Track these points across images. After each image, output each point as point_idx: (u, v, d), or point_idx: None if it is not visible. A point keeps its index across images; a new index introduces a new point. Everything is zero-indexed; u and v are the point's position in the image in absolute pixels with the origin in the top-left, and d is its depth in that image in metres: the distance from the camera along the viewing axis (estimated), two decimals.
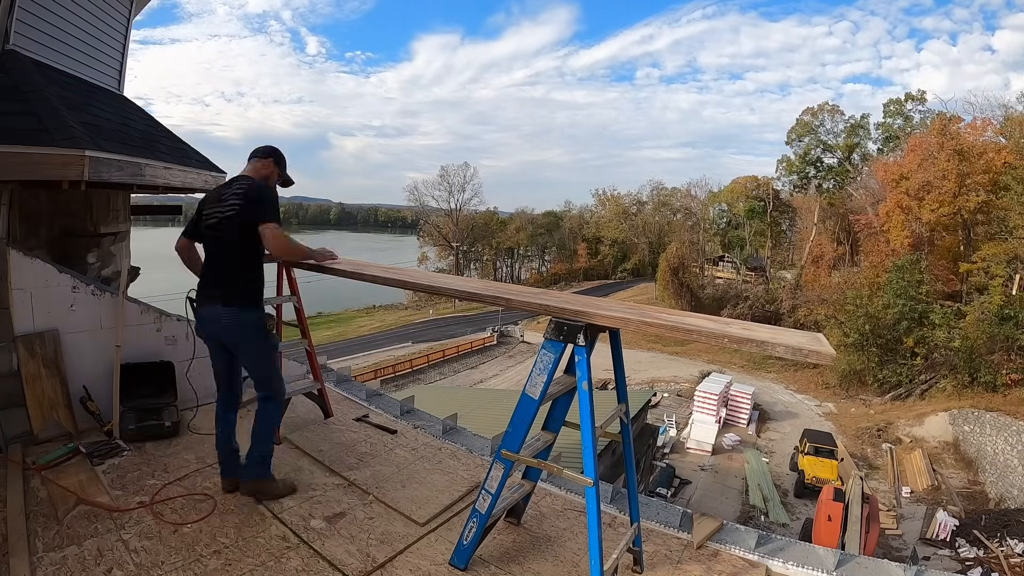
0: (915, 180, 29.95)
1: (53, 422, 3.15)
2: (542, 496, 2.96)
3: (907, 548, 13.75)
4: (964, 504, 16.42)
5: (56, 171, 2.97)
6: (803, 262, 41.00)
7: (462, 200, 64.24)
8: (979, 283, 27.36)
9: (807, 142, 46.39)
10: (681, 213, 58.49)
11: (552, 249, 67.74)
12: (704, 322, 2.03)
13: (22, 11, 3.58)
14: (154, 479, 2.84)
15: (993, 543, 12.79)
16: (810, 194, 46.24)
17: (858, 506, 12.34)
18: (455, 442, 3.63)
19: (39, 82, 3.40)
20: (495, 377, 29.51)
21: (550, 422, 2.49)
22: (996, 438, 18.79)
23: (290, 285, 3.69)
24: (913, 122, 40.63)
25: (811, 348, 1.73)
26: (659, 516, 2.84)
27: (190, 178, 4.36)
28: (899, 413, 24.07)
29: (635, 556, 2.40)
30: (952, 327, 25.37)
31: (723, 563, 2.49)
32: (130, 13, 5.01)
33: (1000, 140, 30.91)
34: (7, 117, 3.00)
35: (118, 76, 4.96)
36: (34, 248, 3.33)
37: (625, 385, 2.38)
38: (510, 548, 2.49)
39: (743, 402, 23.17)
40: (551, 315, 2.10)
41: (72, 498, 2.51)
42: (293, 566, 2.24)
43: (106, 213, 4.28)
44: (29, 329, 3.11)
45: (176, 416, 3.40)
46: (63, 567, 2.10)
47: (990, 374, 22.96)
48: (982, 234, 28.95)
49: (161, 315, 3.76)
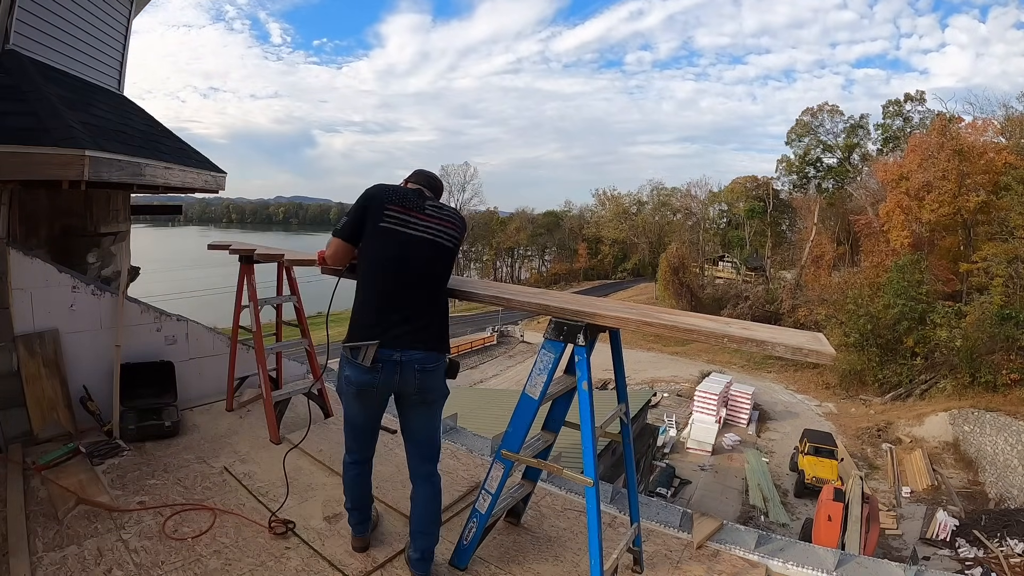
0: (915, 180, 29.94)
1: (53, 422, 3.15)
2: (542, 496, 2.96)
3: (907, 548, 13.75)
4: (964, 504, 16.41)
5: (56, 171, 2.97)
6: (803, 262, 40.98)
7: (462, 200, 64.26)
8: (979, 283, 27.35)
9: (807, 142, 46.43)
10: (681, 213, 58.46)
11: (552, 249, 67.72)
12: (704, 322, 2.03)
13: (22, 11, 3.59)
14: (154, 479, 2.84)
15: (993, 543, 12.78)
16: (810, 194, 46.25)
17: (858, 506, 12.33)
18: (455, 442, 3.62)
19: (39, 82, 3.40)
20: (495, 377, 29.48)
21: (550, 422, 2.49)
22: (996, 438, 18.78)
23: (290, 285, 3.70)
24: (912, 122, 40.65)
25: (811, 348, 1.73)
26: (659, 516, 2.83)
27: (190, 178, 4.36)
28: (899, 413, 24.06)
29: (635, 556, 2.40)
30: (952, 327, 25.35)
31: (723, 563, 2.49)
32: (130, 13, 5.01)
33: (1000, 140, 30.92)
34: (7, 117, 3.00)
35: (118, 76, 4.97)
36: (34, 248, 3.33)
37: (625, 385, 2.38)
38: (510, 548, 2.49)
39: (743, 402, 23.16)
40: (551, 315, 2.09)
41: (72, 498, 2.51)
42: (293, 566, 2.24)
43: (106, 213, 4.28)
44: (29, 329, 3.11)
45: (176, 416, 3.40)
46: (63, 567, 2.10)
47: (990, 374, 22.95)
48: (982, 234, 28.92)
49: (161, 315, 3.75)
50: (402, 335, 2.00)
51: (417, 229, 2.04)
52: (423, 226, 2.05)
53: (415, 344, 2.01)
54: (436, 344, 2.06)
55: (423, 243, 2.05)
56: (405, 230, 2.03)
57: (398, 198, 2.06)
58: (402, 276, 2.01)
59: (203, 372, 3.94)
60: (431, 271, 2.07)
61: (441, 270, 2.11)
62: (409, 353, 2.00)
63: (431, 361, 2.03)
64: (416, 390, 2.04)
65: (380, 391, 2.05)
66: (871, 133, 44.61)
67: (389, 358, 1.98)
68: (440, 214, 2.10)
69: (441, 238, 2.08)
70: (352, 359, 2.01)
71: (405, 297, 2.02)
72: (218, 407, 3.85)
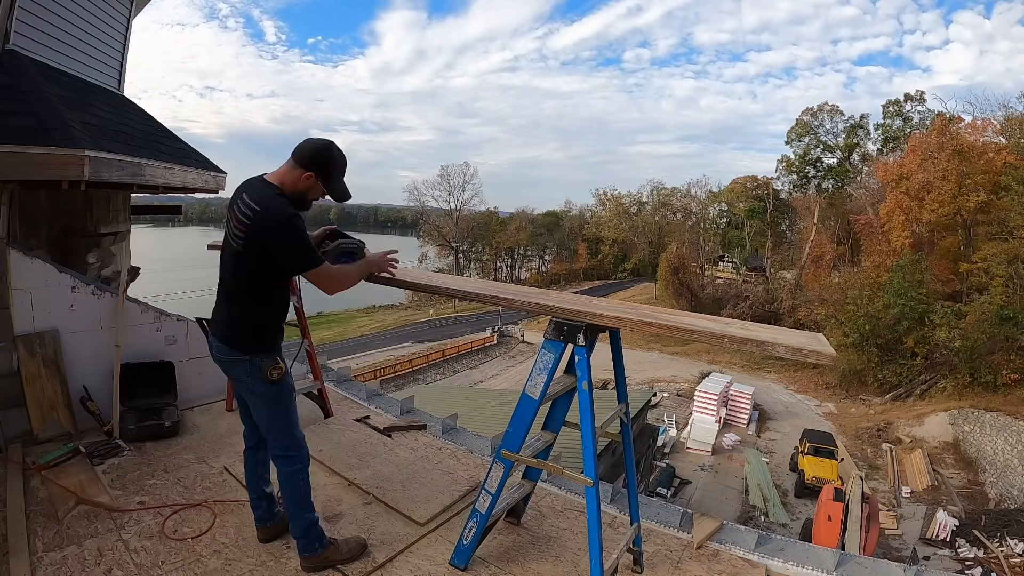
0: (915, 180, 29.95)
1: (53, 422, 3.15)
2: (542, 496, 2.96)
3: (907, 548, 13.75)
4: (964, 504, 16.41)
5: (56, 171, 2.96)
6: (803, 262, 41.00)
7: (462, 200, 64.36)
8: (979, 283, 27.35)
9: (807, 142, 46.44)
10: (681, 213, 58.51)
11: (552, 249, 67.75)
12: (704, 322, 2.03)
13: (22, 11, 3.58)
14: (154, 479, 2.84)
15: (993, 543, 12.78)
16: (810, 194, 46.26)
17: (858, 506, 12.34)
18: (455, 442, 3.63)
19: (39, 82, 3.39)
20: (495, 377, 29.49)
21: (550, 422, 2.49)
22: (996, 438, 18.80)
23: (290, 285, 3.68)
24: (912, 122, 40.67)
25: (811, 348, 1.73)
26: (659, 516, 2.83)
27: (190, 178, 4.36)
28: (899, 413, 24.06)
29: (635, 556, 2.40)
30: (952, 327, 25.35)
31: (723, 563, 2.49)
32: (130, 13, 5.01)
33: (1000, 140, 30.92)
34: (7, 117, 3.00)
35: (118, 76, 4.96)
36: (34, 248, 3.33)
37: (625, 385, 2.38)
38: (510, 548, 2.49)
39: (743, 402, 23.16)
40: (551, 315, 2.09)
41: (72, 498, 2.51)
42: (293, 566, 2.24)
43: (106, 213, 4.28)
44: (29, 329, 3.11)
45: (176, 416, 3.40)
46: (63, 567, 2.10)
47: (990, 374, 22.96)
48: (982, 234, 28.93)
49: (161, 315, 3.76)
50: (213, 325, 2.18)
51: (227, 229, 2.04)
52: (228, 226, 2.01)
53: (216, 333, 2.15)
54: (235, 341, 2.09)
55: (225, 246, 2.07)
56: (225, 231, 2.07)
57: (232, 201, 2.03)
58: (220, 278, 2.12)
59: (203, 372, 3.93)
60: (229, 275, 2.06)
61: (240, 272, 2.03)
62: (213, 340, 2.17)
63: (225, 353, 2.11)
64: (228, 376, 2.28)
65: None
66: (871, 133, 44.70)
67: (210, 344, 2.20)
68: (237, 212, 1.94)
69: (231, 239, 1.99)
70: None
71: (220, 294, 2.14)
72: (218, 407, 3.85)
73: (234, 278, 2.06)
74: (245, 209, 1.92)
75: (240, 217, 1.93)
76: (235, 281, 2.06)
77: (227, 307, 2.12)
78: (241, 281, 2.05)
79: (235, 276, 2.05)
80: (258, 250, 1.95)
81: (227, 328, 2.11)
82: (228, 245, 2.04)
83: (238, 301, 2.09)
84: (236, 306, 2.10)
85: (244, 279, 2.05)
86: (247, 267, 2.01)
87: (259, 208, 1.91)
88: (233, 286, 2.07)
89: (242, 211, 1.92)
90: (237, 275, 2.05)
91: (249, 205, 1.92)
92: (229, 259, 2.04)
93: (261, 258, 1.97)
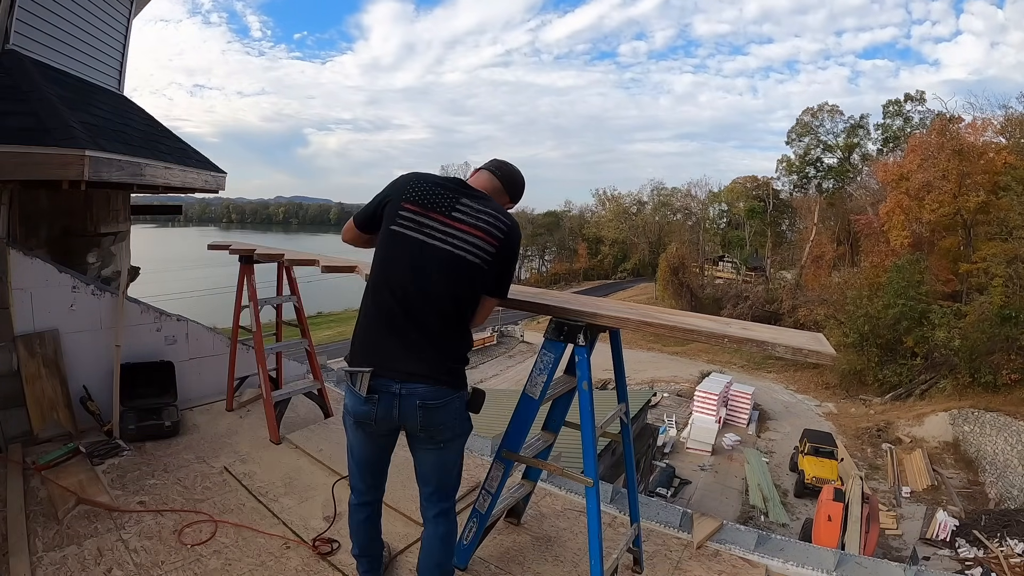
0: (915, 180, 29.94)
1: (53, 422, 3.15)
2: (542, 496, 2.96)
3: (907, 548, 13.75)
4: (964, 504, 16.42)
5: (56, 171, 2.96)
6: (803, 262, 41.00)
7: None
8: (979, 283, 27.35)
9: (807, 142, 46.48)
10: (681, 213, 58.53)
11: (552, 249, 67.74)
12: (704, 322, 2.03)
13: (22, 11, 3.59)
14: (154, 479, 2.84)
15: (993, 543, 12.78)
16: (810, 194, 46.29)
17: (858, 506, 12.35)
18: None
19: (39, 82, 3.39)
20: (495, 377, 29.48)
21: (550, 422, 2.49)
22: (996, 438, 18.79)
23: (290, 285, 3.69)
24: (913, 122, 40.68)
25: (811, 348, 1.73)
26: (659, 516, 2.83)
27: (190, 178, 4.36)
28: (899, 413, 24.07)
29: (635, 556, 2.40)
30: (952, 327, 25.36)
31: (723, 563, 2.49)
32: (130, 13, 5.01)
33: (1000, 140, 30.92)
34: (7, 117, 3.00)
35: (118, 76, 4.97)
36: (34, 248, 3.33)
37: (625, 385, 2.38)
38: (510, 548, 2.49)
39: (743, 402, 23.17)
40: (551, 315, 2.09)
41: (72, 498, 2.51)
42: (293, 566, 2.24)
43: (106, 213, 4.28)
44: (29, 329, 3.11)
45: (176, 416, 3.40)
46: (63, 567, 2.10)
47: (990, 374, 22.95)
48: (982, 234, 28.93)
49: (161, 315, 3.76)
50: (401, 365, 1.66)
51: (434, 237, 1.65)
52: (443, 233, 1.65)
53: (415, 377, 1.66)
54: (446, 378, 1.70)
55: (438, 255, 1.65)
56: (419, 237, 1.65)
57: (419, 195, 1.68)
58: (408, 295, 1.65)
59: (203, 372, 3.94)
60: (446, 291, 1.66)
61: (462, 291, 1.69)
62: (410, 386, 1.65)
63: (437, 397, 1.68)
64: (421, 428, 1.72)
65: (380, 425, 1.73)
66: (871, 133, 44.74)
67: (387, 389, 1.66)
68: (473, 219, 1.67)
69: (463, 250, 1.65)
70: (351, 384, 1.71)
71: (410, 320, 1.66)
72: (218, 407, 3.85)
73: (455, 299, 1.68)
74: (495, 221, 1.69)
75: (489, 228, 1.68)
76: (456, 303, 1.69)
77: (428, 337, 1.67)
78: (464, 303, 1.72)
79: (458, 297, 1.69)
80: (500, 267, 1.72)
81: (436, 363, 1.69)
82: (447, 259, 1.65)
83: (452, 326, 1.71)
84: (449, 331, 1.70)
85: (470, 301, 1.74)
86: (482, 286, 1.74)
87: (511, 223, 1.72)
88: (451, 308, 1.69)
89: (491, 222, 1.68)
90: (461, 297, 1.70)
91: (499, 217, 1.70)
92: (447, 278, 1.66)
93: (496, 276, 1.74)
